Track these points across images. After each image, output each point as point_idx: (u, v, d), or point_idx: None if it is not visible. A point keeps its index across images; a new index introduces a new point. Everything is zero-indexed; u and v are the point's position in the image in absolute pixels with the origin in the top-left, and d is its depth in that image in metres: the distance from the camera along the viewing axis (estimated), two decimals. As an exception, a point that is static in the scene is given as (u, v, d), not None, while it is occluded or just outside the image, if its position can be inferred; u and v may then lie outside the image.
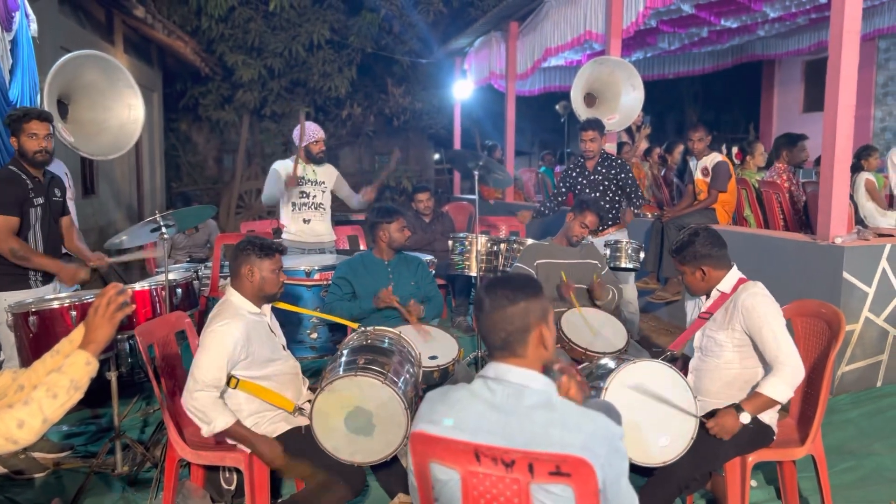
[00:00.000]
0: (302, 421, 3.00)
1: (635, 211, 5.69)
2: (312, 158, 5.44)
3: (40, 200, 3.86)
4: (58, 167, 4.94)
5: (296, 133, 5.46)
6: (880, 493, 3.44)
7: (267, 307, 3.16)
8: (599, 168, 5.61)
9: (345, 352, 3.07)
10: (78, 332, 2.05)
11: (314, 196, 5.47)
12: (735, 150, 7.60)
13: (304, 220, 5.44)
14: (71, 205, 4.96)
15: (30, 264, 3.78)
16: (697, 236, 2.99)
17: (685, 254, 3.00)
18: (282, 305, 3.47)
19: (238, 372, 2.95)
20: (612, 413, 2.28)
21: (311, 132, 5.42)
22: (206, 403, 2.81)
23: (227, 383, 2.94)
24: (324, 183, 5.51)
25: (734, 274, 3.00)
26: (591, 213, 4.40)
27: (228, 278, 3.13)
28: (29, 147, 3.79)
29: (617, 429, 1.72)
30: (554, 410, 1.71)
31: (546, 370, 1.85)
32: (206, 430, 2.83)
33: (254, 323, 3.01)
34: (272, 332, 3.15)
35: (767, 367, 2.88)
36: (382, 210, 4.18)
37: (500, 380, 1.77)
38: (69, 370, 1.88)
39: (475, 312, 1.86)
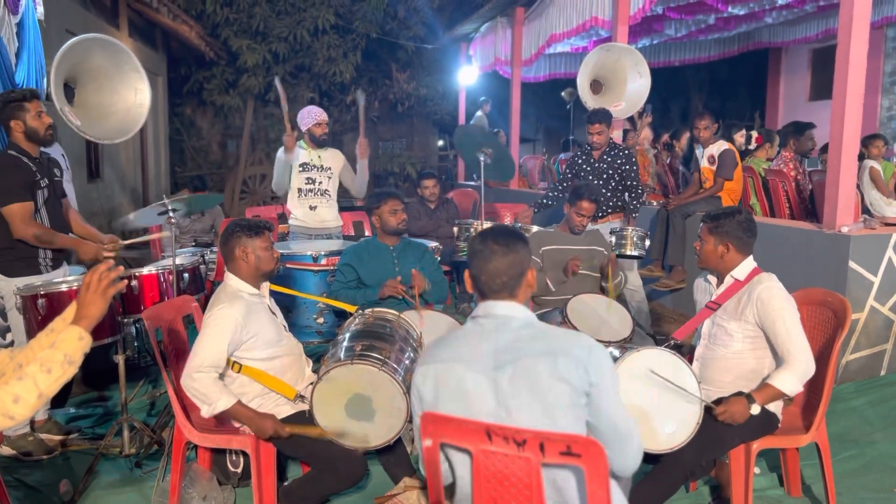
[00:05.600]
0: (305, 407, 3.01)
1: (636, 205, 5.63)
2: (315, 141, 5.42)
3: (45, 182, 3.83)
4: (54, 149, 4.94)
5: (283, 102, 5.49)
6: (883, 482, 3.47)
7: (266, 288, 3.19)
8: (605, 157, 5.59)
9: (345, 336, 3.08)
10: (70, 310, 2.06)
11: (320, 182, 5.45)
12: (755, 134, 7.60)
13: (311, 207, 5.42)
14: (69, 186, 4.96)
15: (53, 246, 3.75)
16: (740, 214, 3.01)
17: (722, 223, 2.99)
18: (282, 290, 3.49)
19: (243, 354, 2.97)
20: None
21: (313, 115, 5.40)
22: (206, 384, 2.83)
23: (231, 368, 2.97)
24: (330, 169, 5.49)
25: (750, 263, 3.00)
26: (585, 200, 4.37)
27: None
28: (39, 126, 3.75)
29: (599, 344, 1.89)
30: (537, 328, 1.92)
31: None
32: (207, 411, 2.86)
33: (254, 304, 3.04)
34: (272, 312, 3.18)
35: (778, 360, 2.88)
36: (374, 195, 4.18)
37: (489, 315, 1.95)
38: (62, 346, 1.90)
39: (470, 260, 2.00)
